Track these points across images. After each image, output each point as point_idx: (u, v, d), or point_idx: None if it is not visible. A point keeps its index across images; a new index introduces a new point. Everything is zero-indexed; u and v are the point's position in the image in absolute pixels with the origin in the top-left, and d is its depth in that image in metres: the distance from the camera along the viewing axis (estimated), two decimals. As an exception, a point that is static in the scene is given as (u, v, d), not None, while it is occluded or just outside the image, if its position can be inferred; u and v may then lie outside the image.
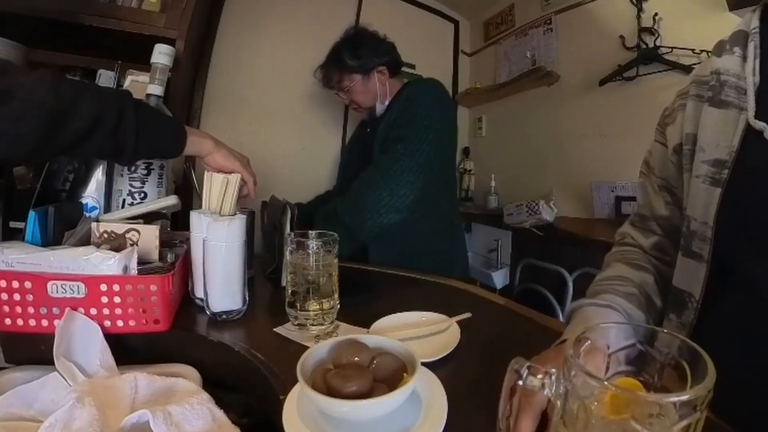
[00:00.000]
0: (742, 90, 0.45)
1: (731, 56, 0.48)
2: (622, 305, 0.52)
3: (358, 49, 1.27)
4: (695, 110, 0.51)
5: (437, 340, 0.59)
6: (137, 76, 1.19)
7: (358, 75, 1.27)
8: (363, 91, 1.29)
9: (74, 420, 0.40)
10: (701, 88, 0.52)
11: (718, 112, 0.47)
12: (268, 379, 0.50)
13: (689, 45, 1.41)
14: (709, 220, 0.48)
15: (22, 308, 0.55)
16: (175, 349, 0.59)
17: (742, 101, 0.45)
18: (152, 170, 0.80)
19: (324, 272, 0.62)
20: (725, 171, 0.46)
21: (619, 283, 0.57)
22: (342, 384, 0.38)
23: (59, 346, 0.50)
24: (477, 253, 2.28)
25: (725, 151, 0.46)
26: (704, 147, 0.49)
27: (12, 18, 1.03)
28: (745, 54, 0.47)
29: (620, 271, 0.61)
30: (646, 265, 0.61)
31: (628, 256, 0.64)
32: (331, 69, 1.32)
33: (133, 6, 1.18)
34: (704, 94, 0.50)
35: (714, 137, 0.47)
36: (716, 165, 0.47)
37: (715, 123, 0.48)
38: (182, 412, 0.42)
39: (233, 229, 0.63)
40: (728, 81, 0.47)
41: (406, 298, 0.78)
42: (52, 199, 0.74)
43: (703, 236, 0.49)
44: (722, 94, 0.47)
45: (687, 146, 0.52)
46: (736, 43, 0.48)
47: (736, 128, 0.45)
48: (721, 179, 0.46)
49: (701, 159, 0.49)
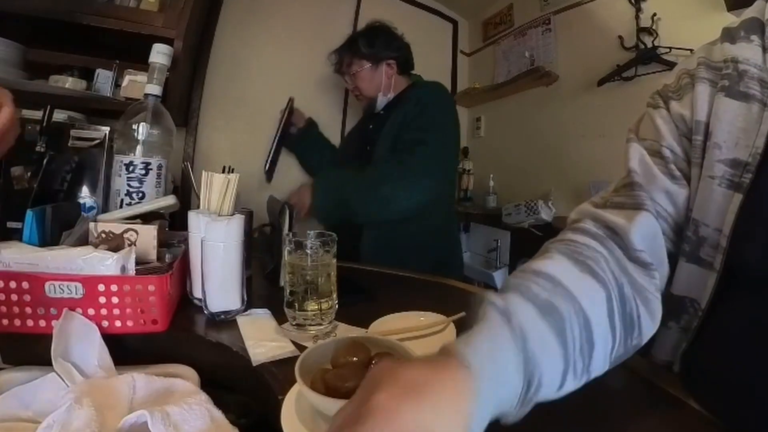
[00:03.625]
0: (765, 83, 0.41)
1: (749, 44, 0.43)
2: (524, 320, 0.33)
3: (373, 38, 1.34)
4: (706, 95, 0.45)
5: (436, 340, 0.59)
6: (135, 75, 1.19)
7: (367, 62, 1.32)
8: (369, 79, 1.33)
9: (72, 421, 0.39)
10: (713, 73, 0.45)
11: (737, 105, 0.42)
12: (267, 379, 0.50)
13: (688, 45, 1.41)
14: (725, 228, 0.42)
15: (20, 308, 0.55)
16: (173, 350, 0.59)
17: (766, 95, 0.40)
18: (150, 170, 0.79)
19: (322, 272, 0.62)
20: (747, 175, 0.40)
21: (542, 286, 0.36)
22: (340, 384, 0.38)
23: (57, 347, 0.50)
24: (476, 253, 2.28)
25: (746, 152, 0.41)
26: (720, 144, 0.43)
27: (10, 18, 1.03)
28: (764, 44, 0.42)
29: (556, 266, 0.39)
30: (600, 272, 0.39)
31: (578, 251, 0.42)
32: (345, 52, 1.37)
33: (131, 5, 1.18)
34: (718, 81, 0.44)
35: (732, 134, 0.42)
36: (735, 166, 0.41)
37: (733, 117, 0.42)
38: (180, 413, 0.42)
39: (231, 229, 0.63)
40: (749, 71, 0.42)
41: (405, 298, 0.78)
42: (50, 198, 0.74)
43: (714, 244, 0.43)
44: (741, 85, 0.42)
45: (697, 137, 0.45)
46: (752, 30, 0.43)
47: (760, 126, 0.40)
48: (741, 183, 0.41)
49: (716, 157, 0.43)
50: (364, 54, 1.32)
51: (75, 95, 1.14)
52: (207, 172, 0.71)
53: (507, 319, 0.33)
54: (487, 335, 0.32)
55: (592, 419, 0.43)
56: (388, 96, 1.35)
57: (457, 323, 0.63)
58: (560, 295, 0.36)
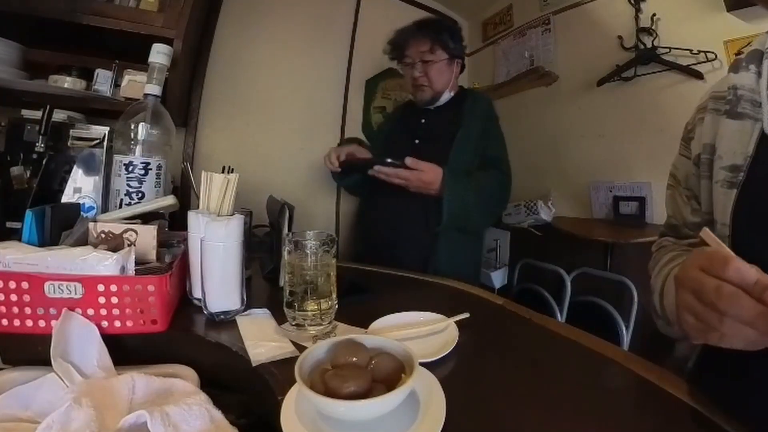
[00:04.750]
0: (757, 103, 0.49)
1: (747, 73, 0.51)
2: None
3: (455, 35, 1.35)
4: (713, 122, 0.55)
5: (435, 340, 0.59)
6: (135, 75, 1.19)
7: (446, 55, 1.32)
8: (442, 72, 1.33)
9: (71, 421, 0.39)
10: (719, 103, 0.55)
11: (735, 123, 0.51)
12: (266, 379, 0.50)
13: (687, 45, 1.41)
14: (727, 220, 0.50)
15: (19, 309, 0.55)
16: (173, 350, 0.59)
17: (757, 113, 0.49)
18: (150, 170, 0.79)
19: (322, 272, 0.62)
20: (741, 174, 0.49)
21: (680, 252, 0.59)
22: (340, 384, 0.38)
23: (56, 347, 0.50)
24: (475, 253, 2.28)
25: (741, 157, 0.49)
26: (722, 155, 0.52)
27: (10, 17, 1.03)
28: (759, 71, 0.51)
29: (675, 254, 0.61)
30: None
31: (676, 249, 0.64)
32: (424, 37, 1.32)
33: (130, 5, 1.18)
34: (722, 108, 0.54)
35: (731, 145, 0.51)
36: (733, 170, 0.50)
37: (732, 133, 0.51)
38: (180, 413, 0.42)
39: (231, 229, 0.63)
40: (744, 95, 0.51)
41: (405, 298, 0.78)
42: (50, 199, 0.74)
43: (723, 237, 0.50)
44: (738, 107, 0.51)
45: (705, 155, 0.56)
46: (752, 61, 0.52)
47: (752, 136, 0.49)
48: (736, 182, 0.50)
49: (720, 165, 0.52)
50: (447, 47, 1.31)
51: (74, 95, 1.14)
52: (206, 172, 0.71)
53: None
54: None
55: (592, 419, 0.43)
56: (451, 94, 1.37)
57: (460, 323, 0.63)
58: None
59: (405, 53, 1.35)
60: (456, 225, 1.21)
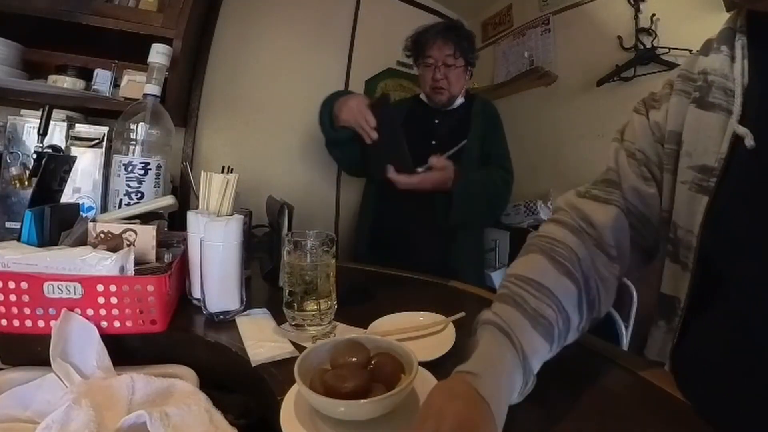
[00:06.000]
0: (730, 92, 0.43)
1: (718, 55, 0.46)
2: (522, 337, 0.42)
3: (473, 44, 1.40)
4: (680, 107, 0.48)
5: (435, 340, 0.59)
6: (134, 75, 1.19)
7: (465, 62, 1.36)
8: (460, 77, 1.38)
9: (71, 421, 0.39)
10: (688, 85, 0.49)
11: (705, 116, 0.45)
12: (266, 379, 0.50)
13: (687, 46, 1.41)
14: (694, 228, 0.46)
15: (18, 309, 0.55)
16: (173, 350, 0.59)
17: (730, 104, 0.43)
18: (149, 170, 0.79)
19: (321, 272, 0.62)
20: (713, 179, 0.44)
21: (533, 294, 0.45)
22: (339, 384, 0.38)
23: (56, 347, 0.50)
24: (475, 253, 2.28)
25: (713, 158, 0.44)
26: (690, 152, 0.46)
27: (9, 17, 1.03)
28: (732, 54, 0.45)
29: (539, 270, 0.48)
30: (574, 272, 0.48)
31: (556, 250, 0.50)
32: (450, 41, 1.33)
33: (130, 5, 1.18)
34: (691, 93, 0.48)
35: (701, 142, 0.45)
36: (703, 171, 0.45)
37: (702, 127, 0.45)
38: (179, 413, 0.42)
39: (230, 229, 0.63)
40: (715, 81, 0.45)
41: (404, 298, 0.78)
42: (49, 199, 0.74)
43: (688, 245, 0.47)
44: (709, 96, 0.45)
45: (669, 145, 0.49)
46: (724, 41, 0.46)
47: (725, 133, 0.43)
48: (708, 187, 0.44)
49: (687, 164, 0.47)
50: (467, 54, 1.36)
51: (74, 95, 1.14)
52: (206, 173, 0.71)
53: (510, 341, 0.41)
54: (501, 369, 0.40)
55: (592, 419, 0.43)
56: (462, 99, 1.42)
57: (456, 323, 0.63)
58: (545, 296, 0.45)
59: (428, 54, 1.35)
60: (462, 219, 1.24)
